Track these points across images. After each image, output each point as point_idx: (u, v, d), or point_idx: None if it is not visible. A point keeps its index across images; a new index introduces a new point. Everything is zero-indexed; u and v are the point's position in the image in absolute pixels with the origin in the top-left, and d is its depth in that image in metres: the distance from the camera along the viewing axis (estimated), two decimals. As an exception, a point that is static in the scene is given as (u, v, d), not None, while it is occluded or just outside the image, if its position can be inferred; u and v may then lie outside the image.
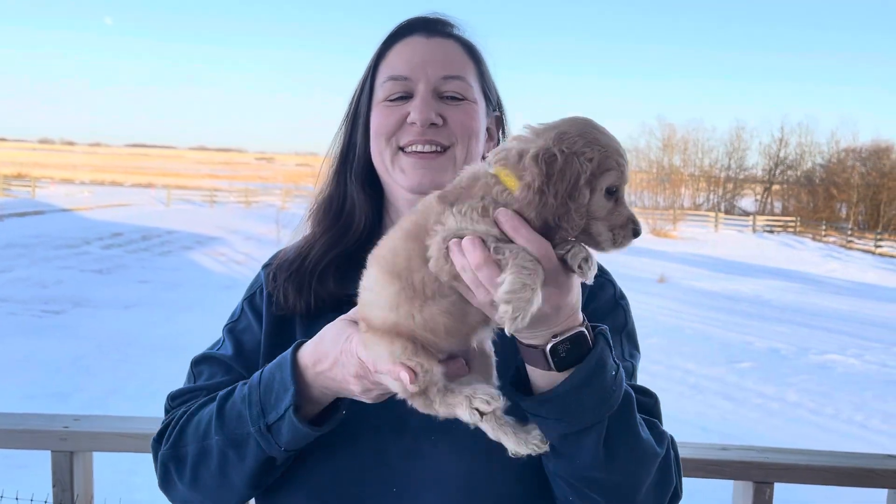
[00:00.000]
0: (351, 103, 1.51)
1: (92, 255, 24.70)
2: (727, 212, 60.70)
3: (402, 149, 1.40)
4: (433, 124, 1.38)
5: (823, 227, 47.28)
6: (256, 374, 1.31)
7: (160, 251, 26.51)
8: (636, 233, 1.06)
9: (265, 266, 1.54)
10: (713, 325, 16.40)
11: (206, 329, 15.07)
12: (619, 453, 1.16)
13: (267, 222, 30.78)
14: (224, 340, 1.51)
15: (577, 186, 1.01)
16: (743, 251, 35.62)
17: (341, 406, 1.27)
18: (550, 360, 1.09)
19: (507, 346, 1.17)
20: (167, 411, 1.44)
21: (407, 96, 1.41)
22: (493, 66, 1.52)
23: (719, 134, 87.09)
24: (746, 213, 59.69)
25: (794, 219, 52.02)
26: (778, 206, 63.80)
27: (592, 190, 1.02)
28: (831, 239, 44.44)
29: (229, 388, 1.34)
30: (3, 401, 9.44)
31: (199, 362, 1.49)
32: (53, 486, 1.88)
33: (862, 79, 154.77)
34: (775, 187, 65.45)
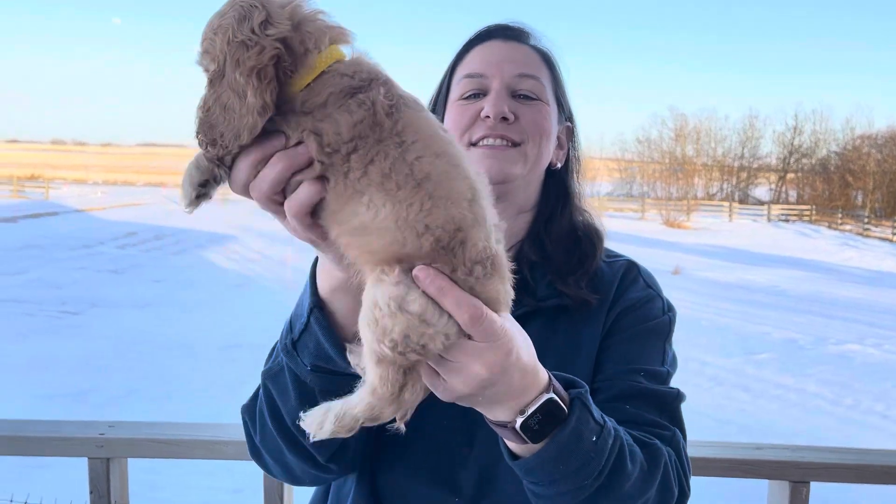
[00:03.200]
0: (429, 105, 1.52)
1: (106, 255, 24.88)
2: (741, 201, 60.34)
3: (473, 145, 1.41)
4: (504, 119, 1.38)
5: (839, 216, 46.92)
6: None
7: (174, 250, 26.67)
8: None
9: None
10: (729, 316, 16.33)
11: (221, 327, 15.10)
12: None
13: (279, 219, 30.83)
14: None
15: None
16: (758, 241, 35.43)
17: None
18: (524, 436, 1.04)
19: None
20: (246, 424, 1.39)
21: (482, 94, 1.42)
22: (568, 77, 1.55)
23: (732, 123, 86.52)
24: (761, 203, 59.35)
25: (809, 207, 51.70)
26: (793, 194, 63.35)
27: None
28: (847, 227, 44.10)
29: None
30: (24, 401, 9.53)
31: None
32: (91, 493, 1.90)
33: (877, 66, 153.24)
34: (790, 176, 64.98)
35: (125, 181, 73.78)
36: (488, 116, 1.38)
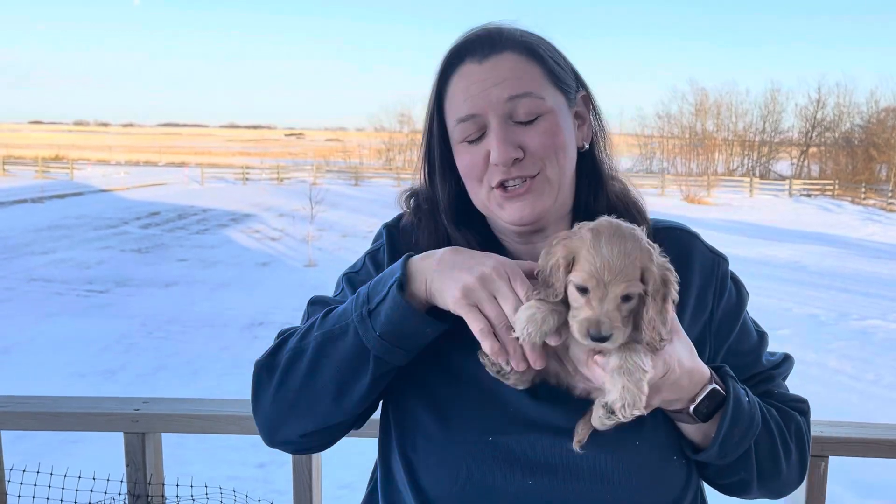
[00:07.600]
0: (422, 143, 1.45)
1: (131, 234, 25.20)
2: (762, 176, 59.59)
3: (494, 188, 1.34)
4: (516, 159, 1.31)
5: (863, 190, 46.18)
6: None
7: (197, 229, 26.94)
8: (586, 334, 1.09)
9: (386, 226, 1.51)
10: (750, 291, 15.94)
11: (246, 305, 15.19)
12: (764, 462, 1.35)
13: (300, 198, 31.01)
14: (343, 287, 1.48)
15: (549, 273, 1.15)
16: (779, 216, 35.05)
17: (448, 317, 1.23)
18: (696, 418, 1.27)
19: None
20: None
21: (482, 132, 1.33)
22: (561, 47, 1.40)
23: (753, 97, 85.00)
24: (782, 178, 58.52)
25: (832, 182, 50.88)
26: (815, 169, 62.38)
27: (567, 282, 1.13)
28: (871, 201, 43.44)
29: None
30: (57, 379, 9.76)
31: (315, 302, 1.46)
32: (127, 466, 1.98)
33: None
34: (812, 150, 63.94)
35: (147, 161, 74.26)
36: (497, 164, 1.30)
